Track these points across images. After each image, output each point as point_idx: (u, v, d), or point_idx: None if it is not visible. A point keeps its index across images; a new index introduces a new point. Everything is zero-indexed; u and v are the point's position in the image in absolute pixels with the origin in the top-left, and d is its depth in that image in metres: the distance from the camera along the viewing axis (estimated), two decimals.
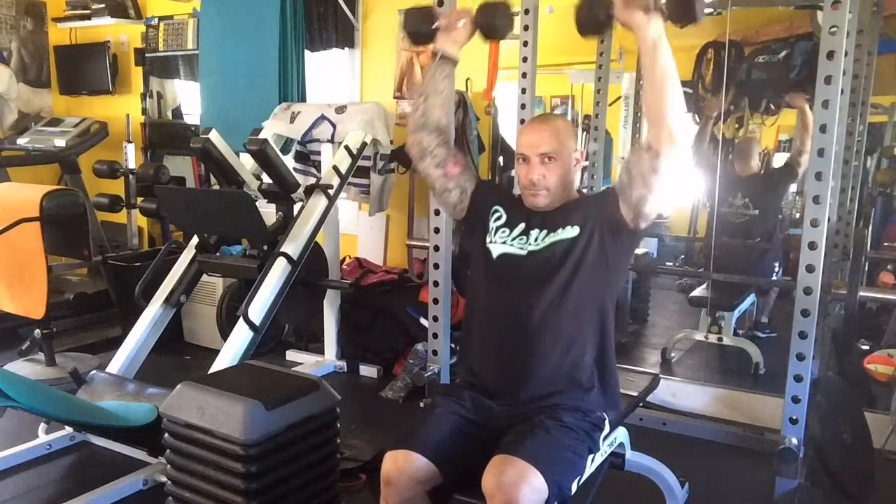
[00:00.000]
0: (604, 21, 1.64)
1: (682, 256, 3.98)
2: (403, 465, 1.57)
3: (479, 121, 3.73)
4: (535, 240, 1.76)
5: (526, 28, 2.75)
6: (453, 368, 2.60)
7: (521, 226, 1.80)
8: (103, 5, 4.75)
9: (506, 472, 1.45)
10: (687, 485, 2.24)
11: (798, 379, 2.08)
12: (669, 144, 1.60)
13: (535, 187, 1.76)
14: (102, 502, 2.29)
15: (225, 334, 3.19)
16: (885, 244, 3.33)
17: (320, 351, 3.75)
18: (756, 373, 3.37)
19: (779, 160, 3.62)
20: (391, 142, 3.53)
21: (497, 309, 1.77)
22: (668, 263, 3.97)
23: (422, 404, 2.46)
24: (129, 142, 4.47)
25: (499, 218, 1.84)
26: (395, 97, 4.01)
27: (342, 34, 4.07)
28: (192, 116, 4.83)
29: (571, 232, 1.73)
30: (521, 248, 1.77)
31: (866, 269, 2.82)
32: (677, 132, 1.59)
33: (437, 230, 2.47)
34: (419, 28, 1.91)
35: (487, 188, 1.98)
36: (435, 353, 2.55)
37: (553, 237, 1.75)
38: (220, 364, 2.69)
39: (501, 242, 1.80)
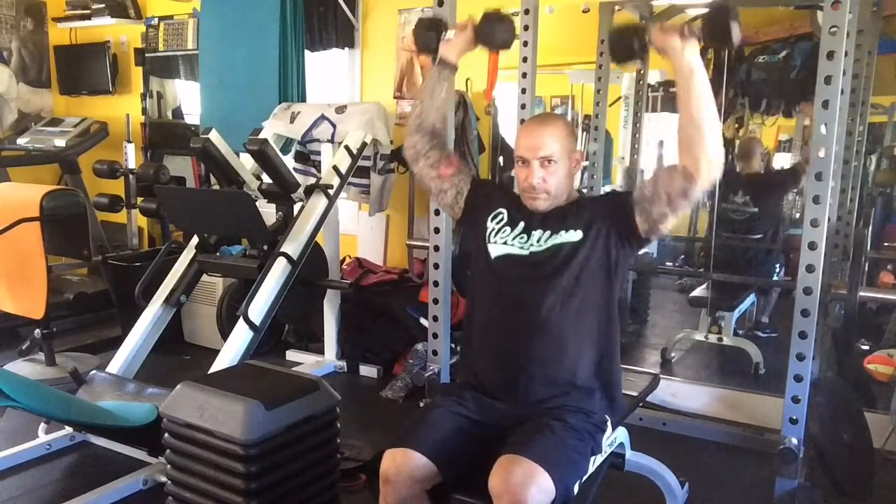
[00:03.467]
0: (638, 49, 1.64)
1: (683, 256, 3.98)
2: (402, 464, 1.56)
3: (479, 121, 3.73)
4: (539, 240, 1.74)
5: (526, 28, 2.75)
6: (453, 368, 2.60)
7: (522, 224, 1.78)
8: (103, 5, 4.75)
9: (514, 472, 1.44)
10: (687, 485, 2.24)
11: (798, 379, 2.07)
12: (707, 170, 1.59)
13: (534, 191, 1.74)
14: (102, 502, 2.29)
15: (225, 334, 3.19)
16: (885, 244, 3.32)
17: (320, 351, 3.75)
18: (756, 373, 3.37)
19: (779, 160, 3.62)
20: (391, 142, 3.53)
21: (498, 309, 1.76)
22: (668, 263, 3.96)
23: (422, 404, 2.46)
24: (129, 142, 4.46)
25: (501, 220, 1.82)
26: (395, 97, 4.01)
27: (342, 34, 4.08)
28: (192, 116, 4.82)
29: (574, 235, 1.71)
30: (522, 248, 1.76)
31: (866, 269, 2.82)
32: (715, 157, 1.59)
33: (437, 230, 2.47)
34: (427, 36, 1.93)
35: (484, 189, 1.95)
36: (435, 353, 2.55)
37: (555, 239, 1.73)
38: (220, 364, 2.69)
39: (502, 243, 1.78)
